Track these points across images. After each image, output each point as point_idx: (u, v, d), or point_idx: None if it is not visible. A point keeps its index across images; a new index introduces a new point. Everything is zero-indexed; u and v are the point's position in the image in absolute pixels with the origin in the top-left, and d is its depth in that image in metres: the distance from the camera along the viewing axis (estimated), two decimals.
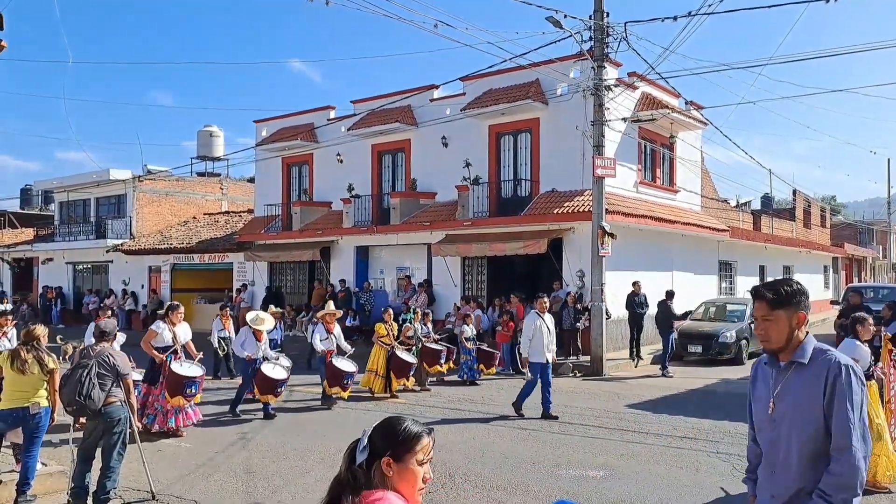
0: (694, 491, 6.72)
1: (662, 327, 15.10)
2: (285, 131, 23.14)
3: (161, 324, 9.35)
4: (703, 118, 20.27)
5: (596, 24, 14.06)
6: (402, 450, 2.06)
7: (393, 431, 2.09)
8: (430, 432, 2.14)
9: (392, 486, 2.04)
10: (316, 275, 22.81)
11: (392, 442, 2.07)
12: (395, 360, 12.25)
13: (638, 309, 15.69)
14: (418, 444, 2.08)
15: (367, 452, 2.06)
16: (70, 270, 31.52)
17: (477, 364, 13.88)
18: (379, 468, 2.04)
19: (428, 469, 2.11)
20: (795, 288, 2.79)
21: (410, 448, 2.07)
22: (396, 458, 2.05)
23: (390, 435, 2.08)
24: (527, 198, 17.99)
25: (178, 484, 7.12)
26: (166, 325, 9.33)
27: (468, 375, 13.78)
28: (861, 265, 45.83)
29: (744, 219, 28.13)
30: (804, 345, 2.73)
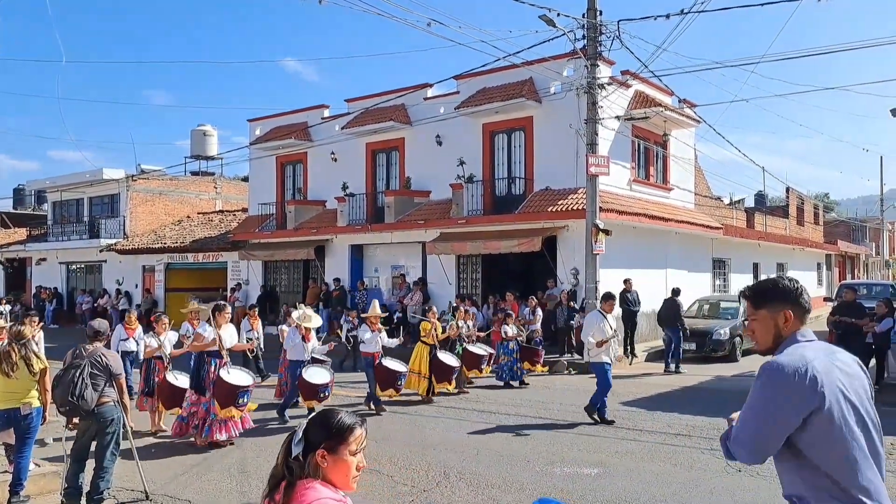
0: (688, 488, 6.75)
1: (670, 324, 15.01)
2: (279, 130, 23.11)
3: (207, 326, 8.68)
4: (697, 116, 20.31)
5: (589, 23, 14.08)
6: (335, 441, 2.18)
7: (327, 424, 2.21)
8: (363, 423, 2.26)
9: (325, 475, 2.16)
10: (310, 273, 22.79)
11: (326, 434, 2.19)
12: (436, 362, 11.62)
13: (631, 306, 15.70)
14: (351, 436, 2.20)
15: (303, 445, 2.17)
16: (63, 270, 31.41)
17: (521, 363, 13.21)
18: (314, 459, 2.15)
19: (361, 458, 2.23)
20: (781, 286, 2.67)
21: (344, 440, 2.19)
22: (330, 449, 2.17)
23: (324, 428, 2.20)
24: (521, 196, 18.01)
25: (171, 484, 7.11)
26: (212, 329, 8.62)
27: (508, 377, 13.08)
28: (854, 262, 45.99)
29: (737, 216, 28.21)
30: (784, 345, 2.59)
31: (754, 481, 6.93)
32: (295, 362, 9.98)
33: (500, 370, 13.15)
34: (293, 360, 10.02)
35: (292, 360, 10.05)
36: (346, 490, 2.21)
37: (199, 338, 8.64)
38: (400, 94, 19.75)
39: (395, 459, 7.93)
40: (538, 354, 13.86)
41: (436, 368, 11.61)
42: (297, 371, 9.85)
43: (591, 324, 9.82)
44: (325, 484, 2.14)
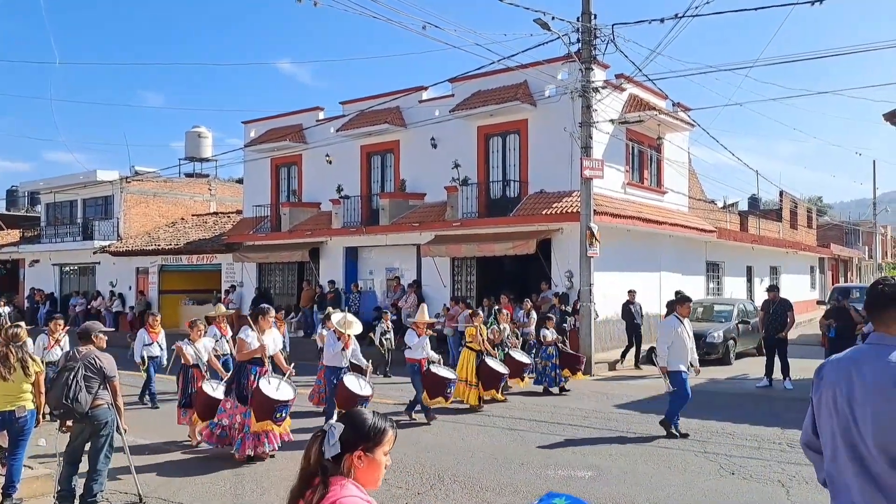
0: (682, 491, 6.77)
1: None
2: (274, 132, 23.08)
3: (249, 331, 8.03)
4: (691, 120, 20.38)
5: (583, 26, 14.12)
6: (372, 443, 2.30)
7: (363, 427, 2.31)
8: (394, 426, 2.39)
9: (356, 475, 2.26)
10: (305, 276, 22.76)
11: (363, 437, 2.29)
12: (484, 368, 11.09)
13: (635, 318, 15.65)
14: (385, 438, 2.33)
15: (339, 448, 2.26)
16: (57, 272, 31.28)
17: (560, 370, 12.65)
18: (350, 460, 2.26)
19: (389, 458, 2.36)
20: None
21: (379, 441, 2.32)
22: (368, 450, 2.28)
23: (361, 430, 2.30)
24: (515, 199, 18.03)
25: (165, 486, 7.10)
26: (255, 334, 8.00)
27: (548, 382, 12.59)
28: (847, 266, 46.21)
29: (731, 220, 28.30)
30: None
31: (747, 484, 6.97)
32: (332, 369, 9.39)
33: (541, 375, 12.64)
34: (331, 367, 9.40)
35: (330, 366, 9.41)
36: (373, 489, 2.31)
37: (242, 345, 7.97)
38: (395, 96, 19.76)
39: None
40: (579, 361, 13.20)
41: (484, 375, 11.06)
42: (333, 378, 9.28)
43: (668, 330, 8.93)
44: (355, 484, 2.24)
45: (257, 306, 8.82)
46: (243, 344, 7.95)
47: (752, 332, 17.56)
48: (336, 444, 2.25)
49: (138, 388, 12.07)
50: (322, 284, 21.27)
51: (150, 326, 12.21)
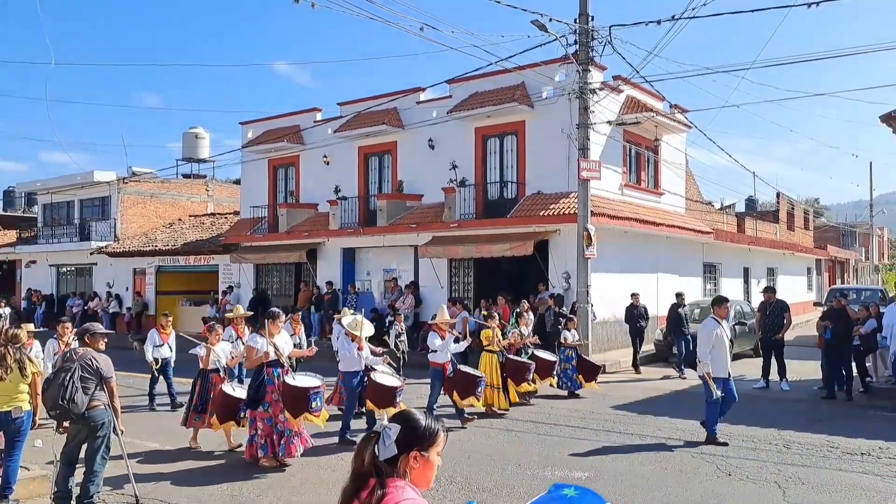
0: (678, 492, 6.78)
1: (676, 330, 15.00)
2: (271, 133, 23.08)
3: (258, 337, 7.91)
4: (688, 121, 20.42)
5: (581, 28, 14.15)
6: (427, 444, 2.35)
7: (418, 428, 2.35)
8: (445, 427, 2.44)
9: (412, 476, 2.32)
10: (302, 277, 22.75)
11: (419, 438, 2.34)
12: (508, 363, 10.84)
13: (639, 322, 15.56)
14: (438, 438, 2.38)
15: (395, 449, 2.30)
16: (54, 273, 31.23)
17: (577, 374, 12.33)
18: (406, 461, 2.31)
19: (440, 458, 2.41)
20: None
21: (434, 442, 2.37)
22: (423, 451, 2.34)
23: (416, 432, 2.34)
24: (513, 200, 18.05)
25: (162, 487, 7.09)
26: (264, 339, 7.85)
27: (569, 385, 12.31)
28: (844, 267, 46.28)
29: (728, 221, 28.34)
30: None
31: (744, 485, 6.98)
32: (350, 374, 8.92)
33: (561, 378, 12.34)
34: (348, 372, 8.95)
35: (346, 371, 8.96)
36: (425, 489, 2.35)
37: (250, 351, 7.87)
38: (392, 97, 19.77)
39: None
40: (597, 371, 12.73)
41: (510, 370, 10.80)
42: (353, 383, 8.87)
43: (708, 334, 8.57)
44: (412, 486, 2.29)
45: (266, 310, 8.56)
46: (251, 350, 7.84)
47: (749, 334, 17.57)
48: (392, 446, 2.29)
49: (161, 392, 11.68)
50: (319, 285, 21.27)
51: (162, 327, 11.92)
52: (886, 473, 7.28)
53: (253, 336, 7.99)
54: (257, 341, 7.85)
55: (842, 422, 9.83)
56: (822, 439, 8.70)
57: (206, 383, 8.84)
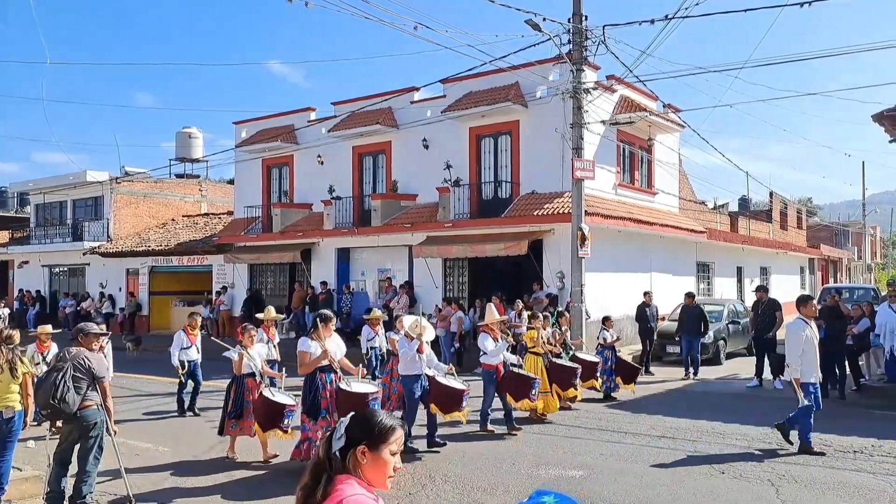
0: (672, 490, 6.80)
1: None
2: (265, 133, 23.03)
3: (308, 341, 7.41)
4: (681, 121, 20.45)
5: (574, 28, 14.15)
6: (377, 440, 2.26)
7: (369, 423, 2.28)
8: (403, 425, 2.35)
9: (363, 473, 2.22)
10: (297, 277, 22.72)
11: (368, 433, 2.26)
12: (553, 367, 10.35)
13: (651, 322, 15.36)
14: (392, 436, 2.28)
15: (344, 441, 2.24)
16: (46, 273, 31.11)
17: (614, 376, 11.93)
18: (354, 456, 2.23)
19: (398, 459, 2.30)
20: None
21: (385, 439, 2.27)
22: (371, 447, 2.25)
23: (366, 426, 2.27)
24: (507, 199, 18.06)
25: (155, 488, 7.07)
26: (315, 342, 7.38)
27: (606, 387, 11.85)
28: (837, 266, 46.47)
29: (721, 220, 28.43)
30: None
31: (737, 483, 7.01)
32: (410, 378, 8.39)
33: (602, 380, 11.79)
34: (408, 376, 8.39)
35: (406, 374, 8.40)
36: (381, 489, 2.29)
37: (303, 355, 7.34)
38: (386, 97, 19.75)
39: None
40: (636, 373, 12.28)
41: (555, 376, 10.26)
42: (413, 388, 8.35)
43: (797, 336, 8.06)
44: (360, 481, 2.22)
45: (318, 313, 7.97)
46: (305, 355, 7.31)
47: (743, 333, 17.63)
48: (342, 438, 2.25)
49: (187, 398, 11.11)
50: (314, 285, 21.24)
51: (190, 328, 11.14)
52: (879, 471, 7.32)
53: (304, 340, 7.49)
54: (309, 345, 7.35)
55: (834, 420, 9.87)
56: (815, 437, 8.72)
57: (241, 388, 8.28)
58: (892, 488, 6.73)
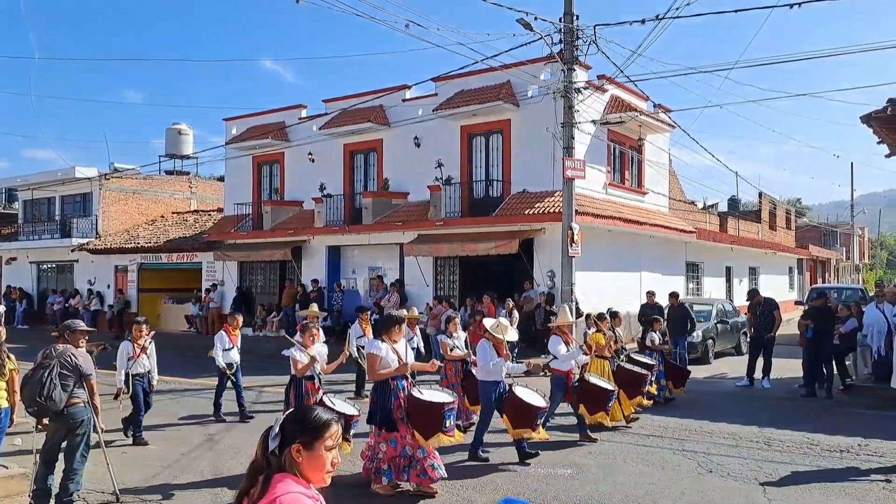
0: (660, 489, 6.83)
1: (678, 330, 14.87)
2: (256, 130, 22.95)
3: (380, 343, 6.73)
4: (671, 121, 20.54)
5: (566, 27, 14.16)
6: (311, 437, 2.22)
7: (303, 420, 2.26)
8: (339, 420, 2.33)
9: (300, 470, 2.19)
10: (287, 275, 22.65)
11: (302, 430, 2.23)
12: (621, 372, 9.63)
13: None
14: (327, 432, 2.25)
15: (279, 440, 2.21)
16: (34, 270, 30.89)
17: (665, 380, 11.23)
18: (289, 454, 2.19)
19: (336, 454, 2.28)
20: None
21: (320, 435, 2.24)
22: (306, 445, 2.21)
23: (300, 423, 2.25)
24: (498, 198, 18.07)
25: (143, 486, 7.04)
26: (387, 345, 6.72)
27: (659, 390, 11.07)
28: (825, 266, 46.78)
29: (710, 220, 28.56)
30: None
31: (725, 482, 7.04)
32: (489, 383, 7.74)
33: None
34: (486, 381, 7.77)
35: (485, 380, 7.79)
36: (320, 485, 2.24)
37: (374, 359, 6.67)
38: (378, 95, 19.72)
39: None
40: (686, 376, 11.68)
41: (623, 381, 9.50)
42: (491, 394, 7.71)
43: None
44: (297, 479, 2.18)
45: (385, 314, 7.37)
46: (376, 360, 6.64)
47: (731, 332, 17.73)
48: (277, 437, 2.22)
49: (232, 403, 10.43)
50: (304, 283, 21.19)
51: (231, 327, 10.35)
52: (865, 470, 7.37)
53: (374, 342, 6.81)
54: (381, 348, 6.67)
55: (822, 419, 9.94)
56: (803, 436, 8.80)
57: (300, 393, 7.47)
58: (878, 487, 6.78)
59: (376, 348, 6.70)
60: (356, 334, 12.17)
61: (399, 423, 6.58)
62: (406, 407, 6.62)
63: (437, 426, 6.55)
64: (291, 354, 7.62)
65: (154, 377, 9.15)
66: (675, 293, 15.49)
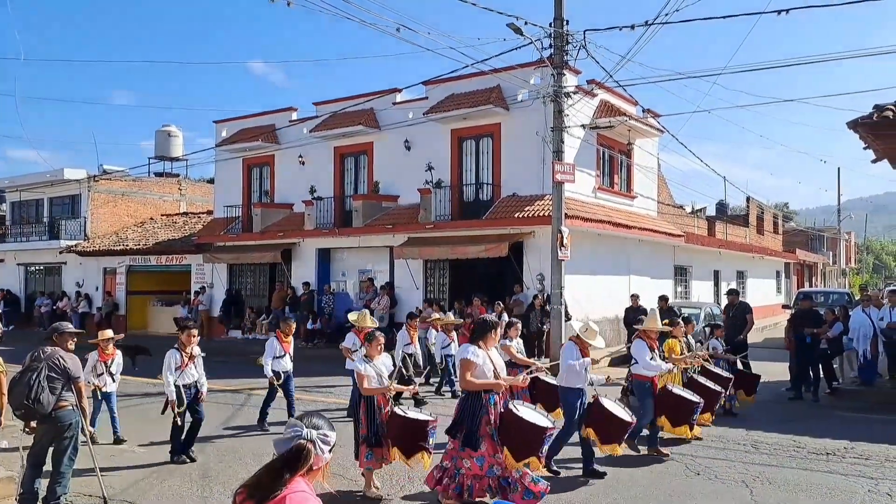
0: (648, 491, 6.87)
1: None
2: (246, 132, 22.90)
3: (476, 349, 6.01)
4: (660, 126, 20.67)
5: (556, 32, 14.25)
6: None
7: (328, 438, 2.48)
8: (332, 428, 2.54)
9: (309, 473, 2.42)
10: (277, 277, 22.61)
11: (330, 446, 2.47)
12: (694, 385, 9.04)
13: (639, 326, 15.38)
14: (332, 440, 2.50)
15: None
16: (22, 272, 30.68)
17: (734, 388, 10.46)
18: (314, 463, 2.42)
19: None
20: None
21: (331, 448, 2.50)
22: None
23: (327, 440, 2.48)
24: (488, 202, 18.12)
25: (131, 489, 7.01)
26: (484, 352, 6.02)
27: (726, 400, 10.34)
28: (812, 270, 47.14)
29: (699, 225, 28.74)
30: None
31: (712, 484, 7.09)
32: (573, 391, 7.25)
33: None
34: (570, 388, 7.27)
35: (569, 387, 7.28)
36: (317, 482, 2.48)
37: (468, 366, 5.93)
38: (368, 98, 19.73)
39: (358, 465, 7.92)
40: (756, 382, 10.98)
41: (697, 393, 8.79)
42: (575, 402, 7.21)
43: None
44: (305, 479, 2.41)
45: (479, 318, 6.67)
46: (471, 367, 5.93)
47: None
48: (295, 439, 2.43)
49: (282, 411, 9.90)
50: (294, 286, 21.16)
51: (283, 334, 9.79)
52: (851, 473, 7.45)
53: (469, 347, 6.06)
54: (477, 354, 5.98)
55: (808, 422, 10.02)
56: (789, 439, 8.87)
57: (372, 406, 6.66)
58: (863, 489, 6.85)
59: (472, 354, 5.98)
60: (403, 341, 11.77)
61: (486, 440, 5.89)
62: (499, 423, 5.95)
63: (534, 450, 5.94)
64: (356, 368, 6.86)
65: (203, 387, 8.23)
66: (664, 296, 15.59)
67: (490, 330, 6.11)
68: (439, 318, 12.89)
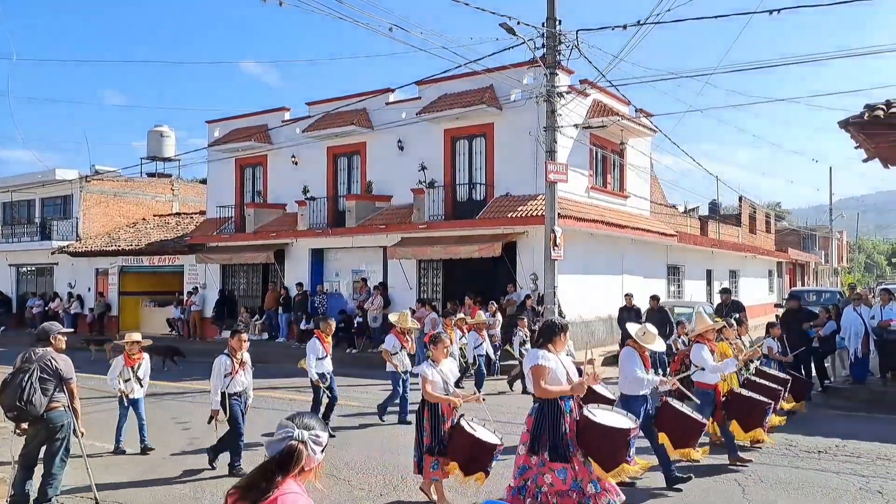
0: (640, 490, 6.88)
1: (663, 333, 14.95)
2: (239, 132, 22.85)
3: (547, 353, 5.51)
4: (653, 125, 20.72)
5: (548, 32, 14.26)
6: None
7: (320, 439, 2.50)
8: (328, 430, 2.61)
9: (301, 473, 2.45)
10: (270, 277, 22.56)
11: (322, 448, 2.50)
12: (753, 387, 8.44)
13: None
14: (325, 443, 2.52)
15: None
16: (13, 273, 30.54)
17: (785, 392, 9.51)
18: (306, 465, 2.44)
19: None
20: None
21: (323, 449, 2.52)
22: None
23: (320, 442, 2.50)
24: (481, 201, 18.14)
25: (122, 491, 6.99)
26: (555, 356, 5.56)
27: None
28: (804, 270, 47.35)
29: (691, 224, 28.82)
30: None
31: (705, 482, 7.11)
32: (636, 399, 6.85)
33: None
34: (633, 397, 6.85)
35: (631, 395, 6.86)
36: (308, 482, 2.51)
37: (541, 372, 5.43)
38: (361, 98, 19.72)
39: (352, 464, 7.92)
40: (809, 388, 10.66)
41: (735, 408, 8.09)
42: (638, 410, 6.70)
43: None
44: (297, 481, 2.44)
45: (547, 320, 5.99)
46: (544, 372, 5.43)
47: None
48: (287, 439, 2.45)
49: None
50: (287, 286, 21.12)
51: (323, 334, 9.44)
52: (842, 471, 7.48)
53: (539, 352, 5.54)
54: (549, 359, 5.49)
55: (800, 421, 10.05)
56: (781, 437, 8.90)
57: (436, 414, 6.34)
58: (854, 487, 6.89)
59: (544, 359, 5.48)
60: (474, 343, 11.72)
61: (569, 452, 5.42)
62: (577, 431, 5.49)
63: (620, 456, 5.48)
64: (422, 372, 6.44)
65: (250, 395, 7.87)
66: (655, 296, 15.64)
67: (559, 333, 5.63)
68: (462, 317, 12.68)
